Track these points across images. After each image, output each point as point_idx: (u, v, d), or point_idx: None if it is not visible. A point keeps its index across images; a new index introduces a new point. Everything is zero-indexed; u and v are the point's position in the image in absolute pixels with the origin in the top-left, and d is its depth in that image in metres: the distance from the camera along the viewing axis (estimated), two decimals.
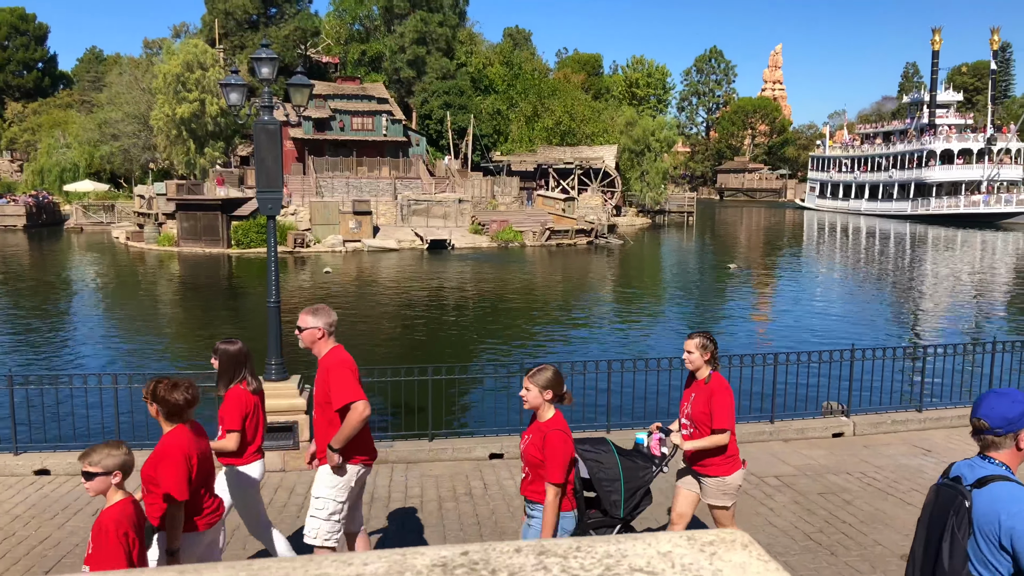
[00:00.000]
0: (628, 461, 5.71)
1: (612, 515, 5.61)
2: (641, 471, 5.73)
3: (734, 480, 6.10)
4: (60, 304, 29.19)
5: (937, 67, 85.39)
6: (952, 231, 65.18)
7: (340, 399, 5.58)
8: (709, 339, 6.14)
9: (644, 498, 5.75)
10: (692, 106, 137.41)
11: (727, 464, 6.06)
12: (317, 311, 5.87)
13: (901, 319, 27.03)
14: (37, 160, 74.52)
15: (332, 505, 5.72)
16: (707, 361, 6.06)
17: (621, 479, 5.61)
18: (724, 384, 6.00)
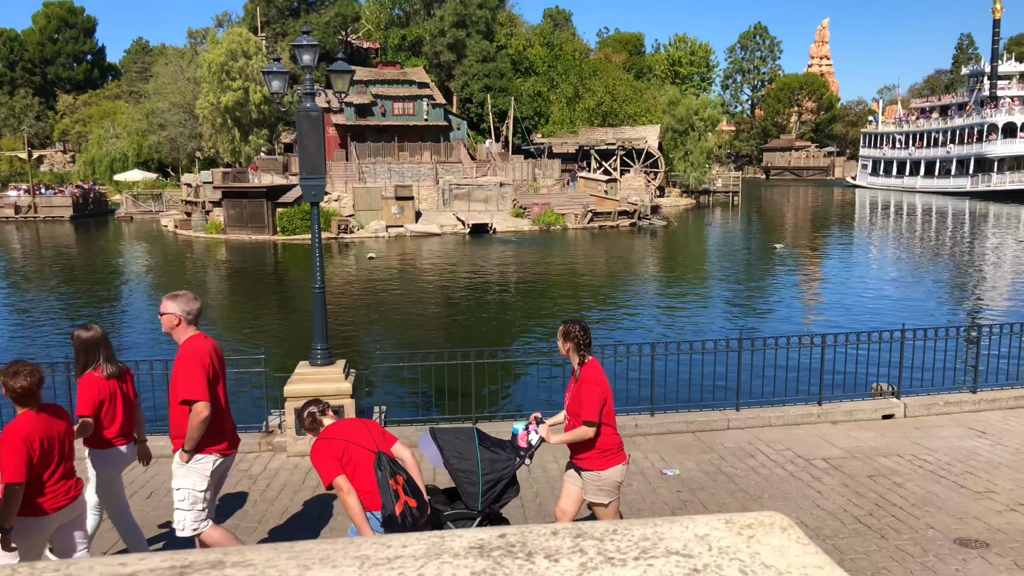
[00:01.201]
0: (490, 453, 5.58)
1: (470, 507, 5.50)
2: (502, 463, 5.58)
3: (610, 476, 5.86)
4: (111, 292, 29.88)
5: (999, 37, 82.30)
6: (1015, 207, 62.89)
7: (181, 393, 5.51)
8: (572, 327, 5.89)
9: (508, 489, 5.61)
10: (737, 84, 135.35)
11: (603, 459, 5.84)
12: (176, 297, 5.81)
13: (957, 299, 26.39)
14: (88, 151, 76.30)
15: (192, 495, 5.69)
16: (571, 351, 5.86)
17: (479, 471, 5.48)
18: (593, 375, 5.80)
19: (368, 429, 5.40)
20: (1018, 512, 7.42)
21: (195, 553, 1.36)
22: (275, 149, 62.20)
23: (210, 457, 5.72)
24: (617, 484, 5.95)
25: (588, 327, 6.01)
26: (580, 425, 5.74)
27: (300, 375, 9.71)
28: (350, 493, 4.98)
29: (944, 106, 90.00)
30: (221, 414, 5.80)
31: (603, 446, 5.84)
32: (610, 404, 5.90)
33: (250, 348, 17.33)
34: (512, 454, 5.71)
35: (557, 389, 10.82)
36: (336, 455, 5.08)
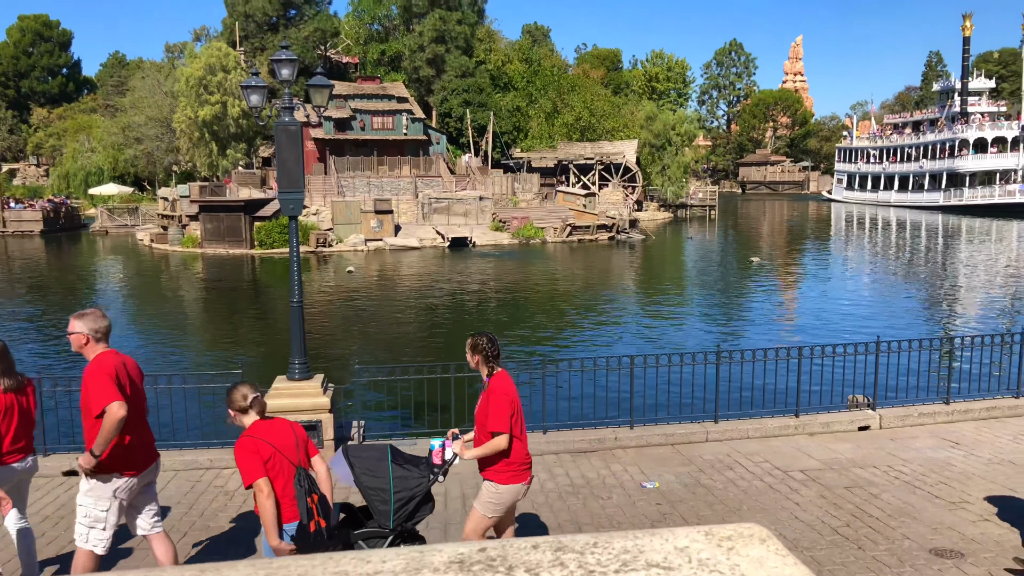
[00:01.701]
0: (402, 470, 5.49)
1: (382, 525, 5.44)
2: (415, 480, 5.51)
3: (507, 492, 5.77)
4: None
5: (968, 54, 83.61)
6: (986, 222, 63.91)
7: (97, 404, 5.35)
8: (479, 339, 5.83)
9: (421, 507, 5.55)
10: (713, 99, 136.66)
11: (505, 473, 5.76)
12: (84, 316, 5.66)
13: (931, 312, 26.69)
14: (63, 165, 75.56)
15: (94, 513, 5.56)
16: (480, 363, 5.81)
17: (391, 488, 5.41)
18: (501, 387, 5.73)
19: (295, 437, 5.30)
20: (991, 522, 7.49)
21: (170, 571, 1.34)
22: (253, 163, 61.92)
23: (121, 480, 5.55)
24: (508, 503, 5.82)
25: (496, 339, 5.94)
26: (487, 437, 5.66)
27: (278, 390, 9.64)
28: (269, 496, 4.89)
29: (916, 122, 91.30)
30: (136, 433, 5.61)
31: (510, 460, 5.75)
32: (520, 417, 5.80)
33: (227, 362, 17.18)
34: (426, 471, 5.61)
35: (537, 401, 10.81)
36: (263, 458, 4.98)
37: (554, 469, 9.44)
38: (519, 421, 5.80)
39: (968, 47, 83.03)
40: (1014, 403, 11.35)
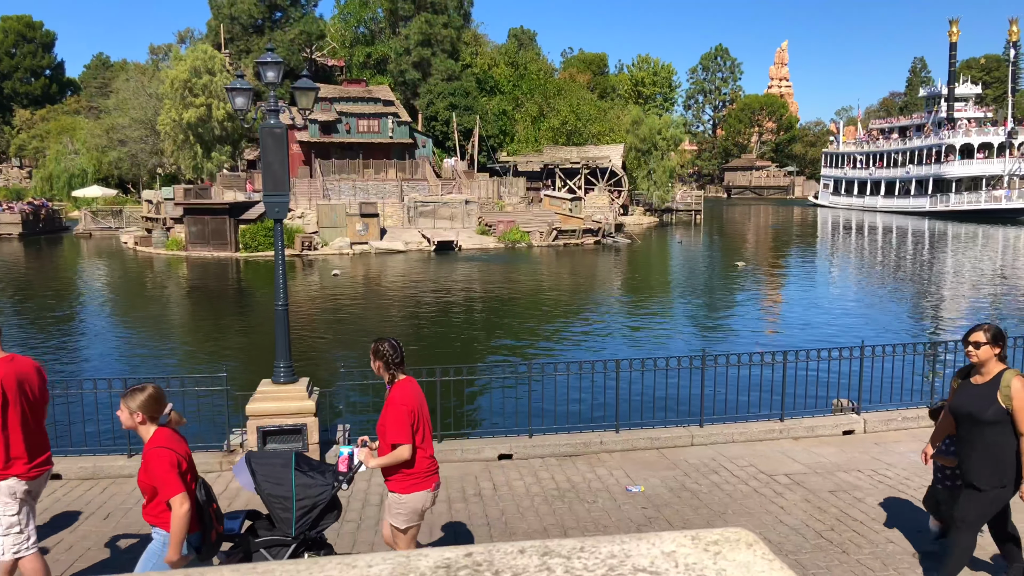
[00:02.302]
0: (306, 477, 5.43)
1: (284, 532, 5.38)
2: (319, 488, 5.44)
3: (411, 501, 5.73)
4: (67, 311, 29.30)
5: (955, 59, 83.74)
6: (972, 227, 64.16)
7: None
8: (381, 345, 5.80)
9: (326, 515, 5.50)
10: (698, 104, 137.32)
11: (407, 482, 5.71)
12: None
13: (916, 317, 26.88)
14: (46, 166, 74.97)
15: (5, 520, 5.49)
16: (382, 369, 5.77)
17: (293, 496, 5.35)
18: (399, 396, 5.68)
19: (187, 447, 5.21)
20: None
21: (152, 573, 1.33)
22: (238, 166, 61.63)
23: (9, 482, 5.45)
24: (418, 511, 5.78)
25: (399, 344, 5.88)
26: (390, 448, 5.60)
27: (263, 393, 9.59)
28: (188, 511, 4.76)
29: (903, 127, 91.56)
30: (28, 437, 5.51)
31: (411, 469, 5.71)
32: (423, 425, 5.72)
33: (212, 366, 17.08)
34: (331, 479, 5.55)
35: (523, 404, 10.81)
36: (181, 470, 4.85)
37: (540, 473, 9.44)
38: (422, 429, 5.71)
39: (955, 52, 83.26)
40: None
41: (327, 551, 5.71)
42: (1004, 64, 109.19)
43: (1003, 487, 5.64)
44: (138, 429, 4.94)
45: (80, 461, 9.52)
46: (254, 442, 9.31)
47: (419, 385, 6.01)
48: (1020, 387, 5.45)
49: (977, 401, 5.64)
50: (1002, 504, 5.76)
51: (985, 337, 5.62)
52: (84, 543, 7.47)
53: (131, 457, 9.62)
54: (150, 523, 5.00)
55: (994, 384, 5.57)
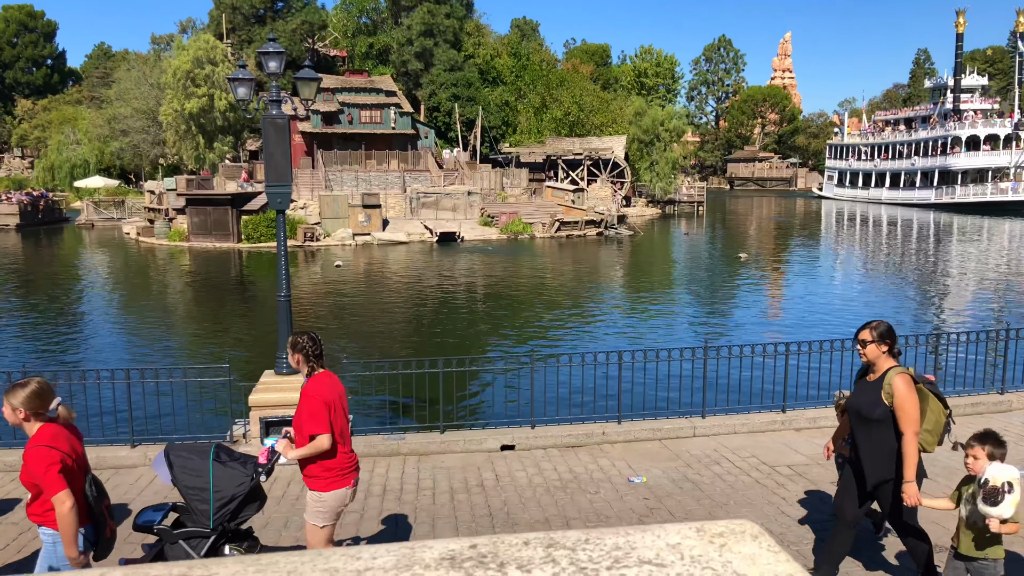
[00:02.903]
0: (225, 469, 5.39)
1: (202, 524, 5.35)
2: (238, 479, 5.40)
3: (331, 499, 5.67)
4: (68, 302, 29.34)
5: (961, 50, 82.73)
6: (978, 219, 63.69)
7: None
8: (300, 338, 5.74)
9: (245, 506, 5.45)
10: (701, 95, 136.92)
11: (325, 479, 5.64)
12: None
13: (920, 308, 26.81)
14: (47, 157, 74.93)
15: None
16: (301, 363, 5.70)
17: (211, 487, 5.30)
18: (313, 388, 5.61)
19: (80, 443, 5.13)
20: None
21: (157, 567, 1.33)
22: (240, 156, 61.59)
23: None
24: (336, 509, 5.73)
25: (318, 338, 5.82)
26: (307, 440, 5.54)
27: (265, 384, 9.61)
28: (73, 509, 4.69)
29: (909, 119, 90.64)
30: None
31: (327, 464, 5.64)
32: (339, 420, 5.67)
33: (215, 357, 17.10)
34: (251, 470, 5.51)
35: (525, 395, 10.82)
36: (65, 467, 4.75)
37: (542, 463, 9.45)
38: (340, 423, 5.66)
39: (961, 43, 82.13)
40: (999, 399, 11.44)
41: (251, 543, 5.66)
42: (1008, 56, 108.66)
43: (886, 482, 5.62)
44: (23, 426, 4.82)
45: None
46: (257, 432, 9.33)
47: (339, 380, 5.94)
48: (901, 385, 5.41)
49: (865, 399, 5.61)
50: (886, 501, 5.72)
51: (871, 335, 5.60)
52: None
53: (134, 448, 9.64)
54: (35, 522, 4.92)
55: (880, 382, 5.55)
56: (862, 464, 5.75)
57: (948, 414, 5.69)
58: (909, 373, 5.58)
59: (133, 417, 9.91)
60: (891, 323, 5.94)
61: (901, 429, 5.46)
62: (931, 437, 5.61)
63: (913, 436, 5.43)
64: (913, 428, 5.43)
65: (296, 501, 8.30)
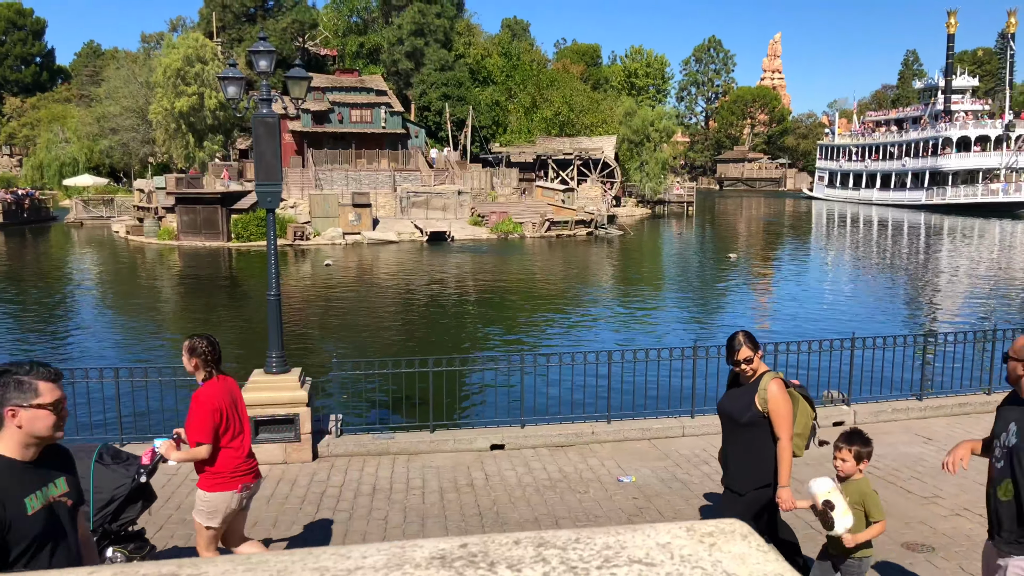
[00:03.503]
0: (107, 470, 5.32)
1: None
2: (119, 480, 5.34)
3: (214, 499, 5.64)
4: (56, 299, 29.17)
5: (952, 51, 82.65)
6: (969, 221, 63.79)
7: None
8: (198, 342, 5.67)
9: (127, 507, 5.39)
10: (691, 96, 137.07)
11: (212, 480, 5.64)
12: None
13: (908, 309, 26.95)
14: (36, 155, 74.46)
15: None
16: (198, 367, 5.63)
17: (91, 489, 5.22)
18: (205, 394, 5.56)
19: None
20: (963, 517, 7.60)
21: (147, 566, 1.33)
22: (230, 155, 61.38)
23: None
24: (221, 511, 5.68)
25: (216, 342, 5.74)
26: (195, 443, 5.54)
27: (255, 383, 9.58)
28: None
29: (899, 119, 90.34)
30: None
31: (216, 468, 5.62)
32: (234, 424, 5.66)
33: None
34: (133, 471, 5.46)
35: (515, 395, 10.83)
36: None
37: (531, 463, 9.46)
38: (233, 428, 5.64)
39: (952, 44, 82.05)
40: (986, 399, 11.51)
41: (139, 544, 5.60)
42: (996, 57, 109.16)
43: (759, 490, 5.56)
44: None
45: None
46: None
47: (236, 385, 5.89)
48: (776, 390, 5.38)
49: (737, 404, 5.57)
50: (759, 507, 5.63)
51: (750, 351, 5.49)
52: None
53: (123, 447, 9.59)
54: None
55: (754, 387, 5.49)
56: (731, 469, 5.68)
57: (815, 417, 5.67)
58: (780, 377, 5.55)
59: (122, 415, 9.87)
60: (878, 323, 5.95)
61: (776, 433, 5.40)
62: (800, 441, 5.59)
63: (788, 441, 5.40)
64: (788, 433, 5.39)
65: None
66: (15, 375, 3.05)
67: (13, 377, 3.04)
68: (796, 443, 5.58)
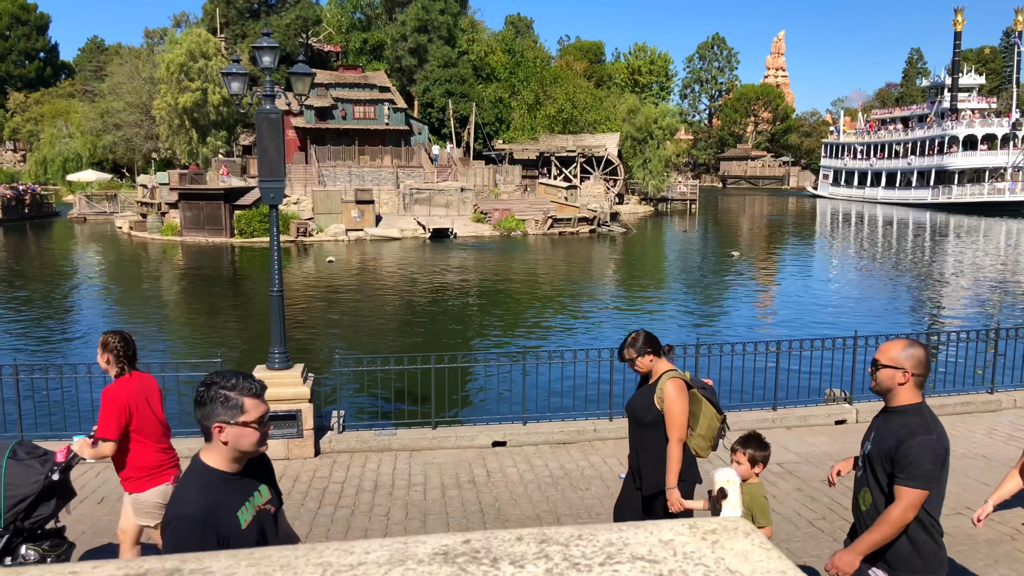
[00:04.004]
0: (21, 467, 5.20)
1: None
2: (32, 477, 5.20)
3: (148, 498, 5.59)
4: (63, 295, 29.21)
5: (959, 48, 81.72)
6: (975, 220, 63.30)
7: None
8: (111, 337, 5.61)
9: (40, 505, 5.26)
10: (695, 93, 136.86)
11: (139, 480, 5.57)
12: None
13: (913, 308, 26.87)
14: (40, 150, 74.59)
15: None
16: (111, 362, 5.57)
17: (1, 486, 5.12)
18: (114, 390, 5.50)
19: None
20: (963, 515, 7.59)
21: (151, 560, 1.33)
22: (233, 151, 61.40)
23: None
24: (160, 505, 5.54)
25: (131, 338, 5.67)
26: None
27: None
28: None
29: (905, 117, 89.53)
30: None
31: (137, 465, 5.55)
32: (147, 419, 5.58)
33: (207, 352, 17.06)
34: (47, 468, 5.33)
35: (517, 391, 10.83)
36: None
37: (533, 460, 9.46)
38: (147, 424, 5.58)
39: (959, 42, 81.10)
40: (988, 398, 11.50)
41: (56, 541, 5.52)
42: (1001, 56, 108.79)
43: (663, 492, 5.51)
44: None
45: None
46: None
47: (152, 380, 5.84)
48: (672, 391, 5.34)
49: (640, 403, 5.54)
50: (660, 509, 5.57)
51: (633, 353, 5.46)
52: (79, 527, 7.48)
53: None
54: None
55: (654, 387, 5.46)
56: (640, 472, 5.64)
57: (723, 419, 5.60)
58: (684, 378, 5.49)
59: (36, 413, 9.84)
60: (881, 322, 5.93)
61: (668, 433, 5.38)
62: (705, 442, 5.53)
63: (677, 442, 5.35)
64: (678, 434, 5.34)
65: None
66: (221, 388, 3.06)
67: (220, 391, 3.06)
68: (701, 444, 5.52)
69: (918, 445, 3.83)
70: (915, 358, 3.95)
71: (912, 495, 3.83)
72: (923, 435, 3.86)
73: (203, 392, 3.06)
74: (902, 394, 4.01)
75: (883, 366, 4.00)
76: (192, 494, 2.99)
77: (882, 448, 3.99)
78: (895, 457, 3.88)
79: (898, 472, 3.86)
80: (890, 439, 3.95)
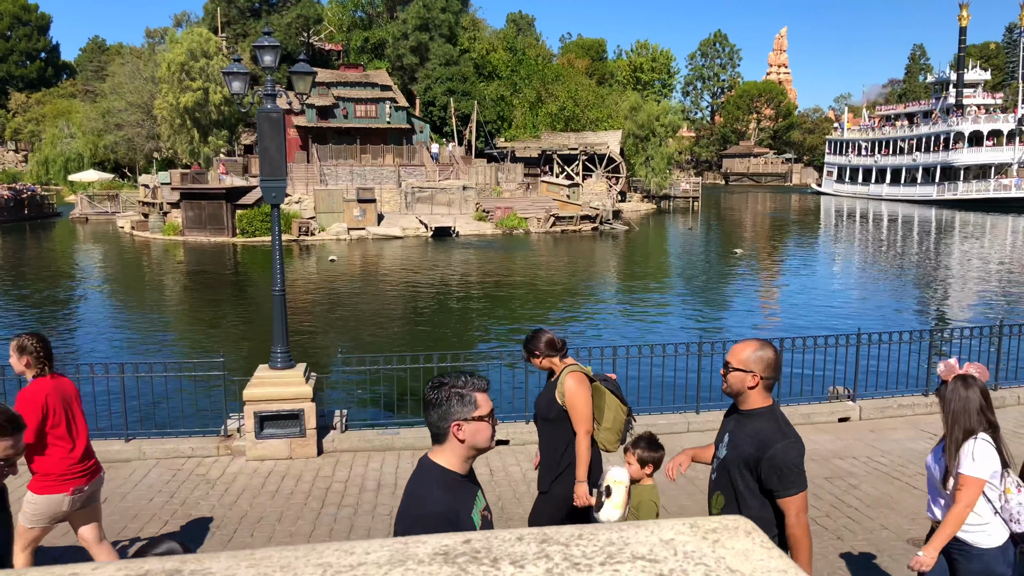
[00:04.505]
0: None
1: None
2: None
3: (40, 503, 5.46)
4: (65, 294, 29.24)
5: (965, 44, 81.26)
6: (981, 216, 63.11)
7: None
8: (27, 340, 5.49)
9: None
10: (697, 91, 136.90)
11: (40, 483, 5.46)
12: None
13: (917, 305, 26.82)
14: (41, 150, 74.70)
15: None
16: (30, 365, 5.48)
17: None
18: (25, 392, 5.42)
19: None
20: None
21: (151, 561, 1.33)
22: (235, 150, 61.44)
23: None
24: (49, 515, 5.48)
25: (47, 340, 5.59)
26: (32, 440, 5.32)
27: (260, 379, 9.59)
28: None
29: (910, 113, 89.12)
30: None
31: (44, 468, 5.44)
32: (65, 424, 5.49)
33: (209, 351, 17.08)
34: None
35: (520, 390, 10.82)
36: None
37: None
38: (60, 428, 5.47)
39: (964, 37, 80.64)
40: (991, 395, 11.46)
41: None
42: (1003, 51, 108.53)
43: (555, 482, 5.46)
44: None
45: None
46: (251, 427, 9.32)
47: (70, 383, 5.76)
48: (572, 385, 5.31)
49: (544, 399, 5.53)
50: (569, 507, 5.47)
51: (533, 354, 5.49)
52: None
53: (128, 441, 9.63)
54: None
55: (556, 383, 5.44)
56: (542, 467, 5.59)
57: (628, 412, 5.58)
58: (585, 372, 5.46)
59: (128, 411, 9.89)
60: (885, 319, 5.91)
61: (574, 428, 5.33)
62: (611, 436, 5.50)
63: (584, 435, 5.31)
64: (584, 427, 5.31)
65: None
66: (453, 387, 3.07)
67: (453, 390, 3.06)
68: (608, 438, 5.49)
69: (780, 453, 3.77)
70: (764, 361, 3.84)
71: (796, 501, 3.79)
72: (780, 442, 3.80)
73: (436, 394, 3.07)
74: (752, 397, 3.91)
75: (734, 369, 3.89)
76: (435, 493, 2.98)
77: (739, 454, 3.90)
78: (761, 475, 3.80)
79: (774, 488, 3.78)
80: (746, 446, 3.86)
